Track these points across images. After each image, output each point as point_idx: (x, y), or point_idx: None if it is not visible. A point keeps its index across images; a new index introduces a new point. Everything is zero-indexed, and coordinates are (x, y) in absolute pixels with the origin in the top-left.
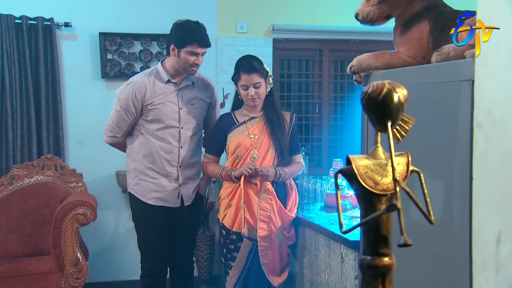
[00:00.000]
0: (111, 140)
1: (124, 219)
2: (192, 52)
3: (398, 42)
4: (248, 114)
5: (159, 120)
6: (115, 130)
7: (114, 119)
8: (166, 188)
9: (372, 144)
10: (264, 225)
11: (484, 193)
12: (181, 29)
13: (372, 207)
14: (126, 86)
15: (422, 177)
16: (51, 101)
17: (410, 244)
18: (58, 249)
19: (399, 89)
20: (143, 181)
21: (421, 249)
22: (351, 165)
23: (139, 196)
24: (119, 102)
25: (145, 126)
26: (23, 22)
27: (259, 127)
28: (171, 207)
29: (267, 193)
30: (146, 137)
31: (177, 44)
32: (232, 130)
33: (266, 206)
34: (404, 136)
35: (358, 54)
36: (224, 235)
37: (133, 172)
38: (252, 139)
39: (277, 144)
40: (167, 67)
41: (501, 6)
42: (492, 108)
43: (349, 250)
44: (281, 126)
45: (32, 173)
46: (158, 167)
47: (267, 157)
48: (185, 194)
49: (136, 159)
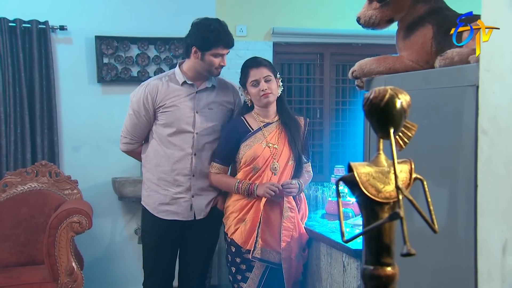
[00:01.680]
0: (126, 147)
1: (121, 227)
2: (218, 54)
3: (400, 47)
4: (262, 119)
5: (171, 124)
6: (129, 136)
7: (127, 124)
8: (177, 200)
9: (374, 150)
10: (287, 246)
11: (489, 201)
12: (205, 30)
13: (374, 215)
14: (139, 88)
15: (426, 184)
16: (46, 106)
17: (413, 253)
18: (52, 258)
19: (401, 95)
20: (154, 192)
21: (425, 259)
22: (352, 172)
23: (150, 210)
24: (131, 105)
25: (158, 131)
26: (17, 25)
27: (275, 135)
28: (183, 220)
29: (290, 210)
30: (158, 144)
31: (201, 47)
32: (247, 138)
33: (289, 226)
34: (407, 143)
35: (360, 58)
36: (234, 253)
37: (146, 183)
38: (271, 149)
39: (296, 154)
40: (185, 70)
41: (506, 10)
42: (497, 114)
43: (351, 259)
44: (299, 134)
45: (26, 180)
46: (169, 177)
47: (287, 168)
48: (197, 206)
49: (149, 168)
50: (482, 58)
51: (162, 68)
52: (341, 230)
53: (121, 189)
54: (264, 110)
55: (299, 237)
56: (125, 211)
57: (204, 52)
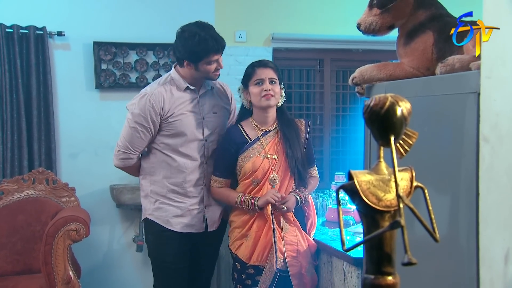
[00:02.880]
0: (123, 163)
1: (119, 235)
2: (211, 61)
3: (401, 53)
4: (260, 127)
5: (182, 133)
6: (129, 150)
7: (127, 138)
8: (191, 212)
9: (375, 158)
10: (293, 261)
11: (491, 209)
12: (191, 44)
13: (375, 224)
14: (140, 99)
15: (427, 193)
16: (43, 113)
17: (414, 262)
18: (49, 267)
19: (402, 102)
20: (166, 205)
21: (426, 268)
22: (353, 180)
23: (162, 223)
24: (133, 117)
25: (165, 142)
26: (14, 31)
27: (274, 144)
28: (196, 232)
29: (289, 223)
30: (167, 155)
31: (192, 60)
32: (244, 150)
33: (291, 240)
34: (407, 151)
35: (361, 63)
36: (239, 270)
37: (152, 196)
38: (270, 160)
39: (294, 165)
40: (182, 74)
41: (507, 18)
42: (498, 121)
43: (352, 268)
44: (299, 143)
45: (23, 187)
46: (182, 188)
47: (286, 179)
48: (210, 217)
49: (155, 181)
50: (483, 65)
51: (161, 74)
52: (342, 238)
53: (119, 196)
54: (262, 115)
55: (307, 250)
56: (123, 218)
57: (197, 63)
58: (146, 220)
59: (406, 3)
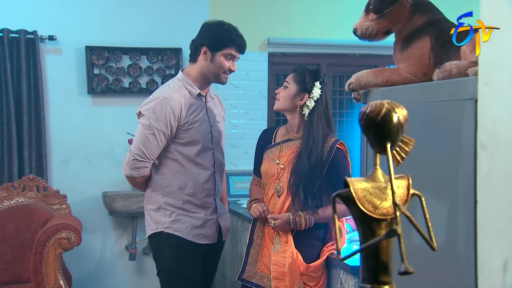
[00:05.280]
0: (138, 172)
1: (111, 244)
2: (229, 56)
3: (398, 59)
4: (287, 133)
5: (196, 141)
6: (145, 158)
7: (145, 145)
8: (207, 222)
9: (371, 165)
10: (280, 283)
11: (489, 217)
12: (218, 28)
13: (371, 232)
14: (157, 103)
15: (424, 200)
16: (34, 118)
17: (411, 271)
18: (39, 277)
19: (398, 109)
20: (183, 216)
21: (423, 277)
22: (348, 188)
23: (182, 235)
24: (152, 122)
25: (180, 150)
26: (4, 35)
27: (289, 153)
28: (210, 243)
29: (281, 243)
30: (181, 164)
31: (212, 47)
32: (266, 150)
33: (279, 261)
34: (404, 158)
35: (357, 68)
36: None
37: (167, 208)
38: (278, 167)
39: (294, 181)
40: (192, 75)
41: (505, 22)
42: (496, 128)
43: (348, 276)
44: (310, 161)
45: (13, 194)
46: (198, 199)
47: (287, 193)
48: (224, 226)
49: (169, 192)
50: (480, 71)
51: (155, 79)
52: (337, 247)
53: (112, 203)
54: (290, 122)
55: (297, 274)
56: (116, 226)
57: (215, 52)
58: (161, 234)
59: (402, 8)
